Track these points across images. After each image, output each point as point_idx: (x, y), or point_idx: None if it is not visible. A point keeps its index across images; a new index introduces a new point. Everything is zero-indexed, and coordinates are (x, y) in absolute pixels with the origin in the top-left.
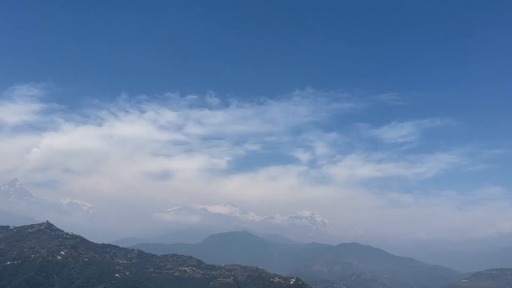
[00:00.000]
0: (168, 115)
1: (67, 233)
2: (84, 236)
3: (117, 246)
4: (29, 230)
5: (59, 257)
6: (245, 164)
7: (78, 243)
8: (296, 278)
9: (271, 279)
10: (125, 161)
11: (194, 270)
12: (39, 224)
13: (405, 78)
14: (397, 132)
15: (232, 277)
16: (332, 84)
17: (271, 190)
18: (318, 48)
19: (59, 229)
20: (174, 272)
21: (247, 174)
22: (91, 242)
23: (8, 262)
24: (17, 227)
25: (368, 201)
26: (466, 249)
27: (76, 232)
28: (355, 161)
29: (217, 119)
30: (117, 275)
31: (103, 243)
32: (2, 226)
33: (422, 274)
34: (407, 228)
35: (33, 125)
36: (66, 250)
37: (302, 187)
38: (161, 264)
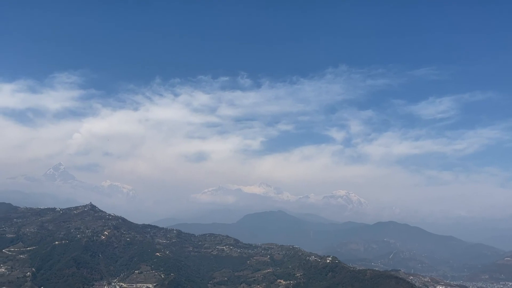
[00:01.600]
0: (201, 98)
1: (109, 214)
2: (125, 217)
3: (156, 226)
4: (74, 211)
5: (103, 237)
6: (278, 144)
7: (120, 223)
8: (333, 256)
9: (307, 257)
10: (161, 144)
11: (231, 249)
12: (83, 206)
13: (443, 52)
14: (435, 107)
15: (268, 256)
16: (366, 60)
17: (305, 170)
18: (350, 24)
19: (101, 211)
20: (212, 251)
21: (280, 154)
22: (132, 223)
23: (57, 242)
24: (63, 209)
25: (405, 179)
26: (509, 226)
27: (117, 213)
28: (392, 138)
29: (249, 100)
30: (157, 254)
31: (143, 224)
32: (49, 208)
33: (462, 252)
34: (446, 206)
35: (74, 111)
36: (109, 230)
37: (337, 167)
38: (199, 243)
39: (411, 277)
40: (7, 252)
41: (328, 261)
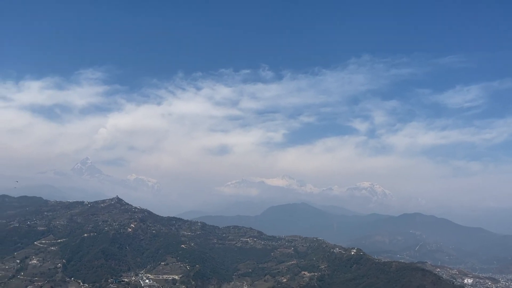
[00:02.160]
0: (223, 91)
1: (135, 207)
2: (150, 210)
3: (181, 219)
4: (102, 204)
5: (130, 230)
6: (301, 136)
7: (146, 216)
8: (357, 248)
9: (332, 249)
10: (185, 137)
11: (255, 241)
12: (110, 199)
13: (470, 38)
14: (463, 96)
15: (292, 248)
16: (390, 49)
17: (328, 161)
18: (373, 12)
19: (128, 204)
20: (236, 243)
21: (303, 146)
22: (157, 215)
23: (85, 235)
24: (91, 202)
25: (431, 170)
26: None
27: (143, 206)
28: (417, 129)
29: (271, 92)
30: (183, 246)
31: (168, 216)
32: (77, 201)
33: (492, 244)
34: (474, 197)
35: (99, 106)
36: (135, 223)
37: (361, 158)
38: (224, 235)
39: (438, 269)
40: (39, 244)
41: (352, 253)
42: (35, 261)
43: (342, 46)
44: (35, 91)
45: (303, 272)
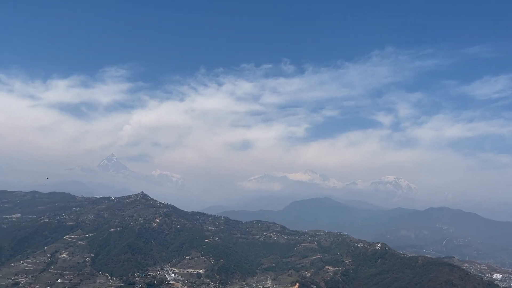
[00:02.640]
0: (245, 86)
1: (160, 202)
2: (175, 205)
3: (205, 214)
4: (127, 200)
5: (155, 224)
6: (323, 130)
7: (170, 211)
8: (382, 243)
9: (356, 244)
10: (207, 133)
11: (278, 235)
12: (135, 194)
13: (498, 27)
14: (491, 87)
15: (316, 242)
16: (414, 40)
17: (352, 155)
18: (396, 3)
19: (152, 199)
20: (259, 238)
21: (326, 140)
22: (182, 210)
23: (112, 229)
24: (117, 198)
25: (458, 163)
26: None
27: (167, 201)
28: (443, 121)
29: (293, 86)
30: (207, 240)
31: (192, 211)
32: (104, 197)
33: None
34: (503, 190)
35: (123, 103)
36: (160, 218)
37: (385, 152)
38: (247, 230)
39: (466, 264)
40: (68, 239)
41: (377, 247)
42: (64, 255)
43: (365, 38)
44: (62, 90)
45: (327, 267)
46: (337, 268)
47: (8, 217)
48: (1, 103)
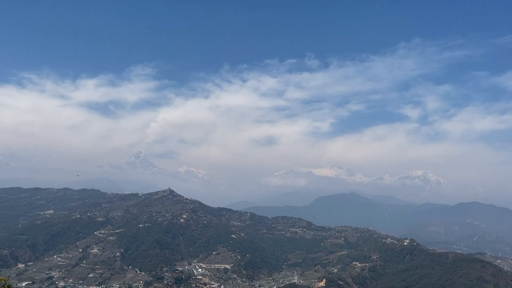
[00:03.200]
0: (269, 82)
1: (186, 198)
2: (201, 201)
3: (231, 209)
4: (155, 196)
5: (182, 220)
6: (349, 125)
7: (197, 207)
8: (410, 239)
9: (383, 240)
10: (232, 129)
11: (304, 231)
12: (162, 191)
13: None
14: None
15: (342, 238)
16: (442, 31)
17: (378, 150)
18: None
19: (179, 195)
20: (285, 233)
21: (351, 135)
22: (208, 206)
23: (141, 225)
24: (145, 194)
25: (490, 156)
26: None
27: (194, 197)
28: (473, 113)
29: (317, 81)
30: (233, 236)
31: (218, 207)
32: (132, 193)
33: None
34: None
35: (149, 101)
36: (187, 214)
37: (413, 146)
38: (273, 225)
39: (499, 261)
40: (99, 234)
41: (405, 243)
42: (95, 250)
43: (391, 30)
44: (90, 89)
45: (354, 263)
46: (364, 264)
47: (42, 213)
48: (33, 103)
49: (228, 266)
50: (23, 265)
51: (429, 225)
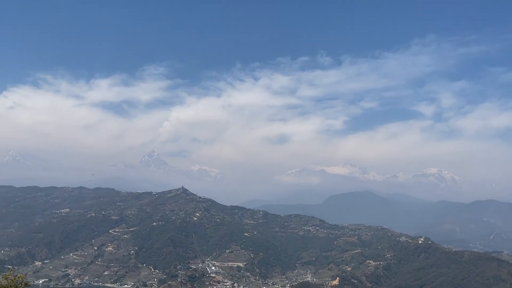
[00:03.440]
0: (281, 80)
1: (199, 197)
2: (214, 199)
3: (244, 208)
4: (168, 195)
5: (195, 218)
6: (362, 122)
7: (210, 205)
8: (425, 237)
9: (397, 238)
10: (244, 128)
11: (317, 229)
12: (176, 189)
13: None
14: None
15: (356, 236)
16: (457, 27)
17: (392, 148)
18: None
19: (192, 193)
20: (298, 232)
21: (365, 133)
22: (221, 204)
23: (154, 223)
24: (158, 193)
25: (507, 153)
26: None
27: (206, 196)
28: (489, 110)
29: (330, 79)
30: (246, 234)
31: (231, 205)
32: (146, 192)
33: None
34: None
35: (162, 100)
36: (200, 212)
37: (427, 143)
38: (286, 224)
39: None
40: (113, 233)
41: (420, 241)
42: (110, 248)
43: (404, 26)
44: (104, 89)
45: (368, 261)
46: (378, 263)
47: (58, 211)
48: (49, 103)
49: (241, 264)
50: (40, 263)
51: (444, 223)
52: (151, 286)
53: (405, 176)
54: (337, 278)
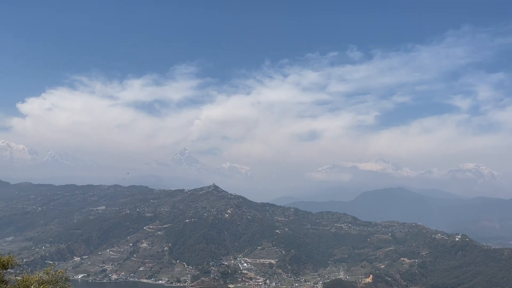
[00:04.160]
0: (310, 76)
1: (230, 194)
2: (244, 196)
3: (274, 205)
4: (200, 192)
5: (226, 215)
6: (394, 117)
7: (241, 202)
8: (462, 234)
9: (433, 235)
10: (274, 125)
11: (350, 226)
12: (207, 186)
13: None
14: None
15: (389, 234)
16: (493, 16)
17: (426, 143)
18: None
19: (223, 191)
20: (330, 229)
21: (397, 128)
22: (252, 201)
23: (187, 220)
24: (190, 190)
25: None
26: None
27: (237, 193)
28: None
29: (360, 73)
30: (277, 231)
31: (262, 202)
32: (178, 189)
33: None
34: None
35: (193, 99)
36: (231, 209)
37: (463, 137)
38: (317, 221)
39: None
40: (148, 229)
41: (457, 239)
42: (145, 245)
43: (438, 18)
44: (137, 89)
45: (402, 259)
46: (413, 260)
47: (95, 209)
48: (84, 104)
49: (273, 261)
50: (79, 258)
51: (483, 220)
52: (185, 282)
53: (440, 172)
54: (371, 276)
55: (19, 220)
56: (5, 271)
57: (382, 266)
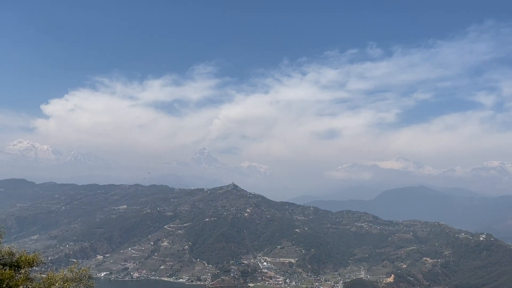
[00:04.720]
0: (329, 74)
1: (249, 193)
2: (264, 195)
3: (294, 204)
4: (219, 191)
5: (246, 214)
6: (415, 115)
7: (260, 201)
8: (487, 234)
9: (456, 234)
10: (293, 123)
11: (370, 225)
12: (226, 185)
13: None
14: None
15: (411, 233)
16: None
17: (449, 140)
18: None
19: (243, 190)
20: (350, 228)
21: (418, 125)
22: (271, 200)
23: (207, 219)
24: (210, 189)
25: None
26: None
27: (257, 192)
28: None
29: (380, 70)
30: (297, 230)
31: (281, 201)
32: (198, 188)
33: None
34: None
35: (212, 99)
36: (251, 208)
37: (487, 135)
38: (337, 220)
39: None
40: (168, 228)
41: (481, 238)
42: (165, 243)
43: (460, 13)
44: (156, 89)
45: (424, 258)
46: (436, 260)
47: (116, 208)
48: (106, 105)
49: (293, 260)
50: (102, 257)
51: (508, 219)
52: (205, 281)
53: (464, 170)
54: (392, 276)
55: (44, 219)
56: (30, 269)
57: (404, 266)
